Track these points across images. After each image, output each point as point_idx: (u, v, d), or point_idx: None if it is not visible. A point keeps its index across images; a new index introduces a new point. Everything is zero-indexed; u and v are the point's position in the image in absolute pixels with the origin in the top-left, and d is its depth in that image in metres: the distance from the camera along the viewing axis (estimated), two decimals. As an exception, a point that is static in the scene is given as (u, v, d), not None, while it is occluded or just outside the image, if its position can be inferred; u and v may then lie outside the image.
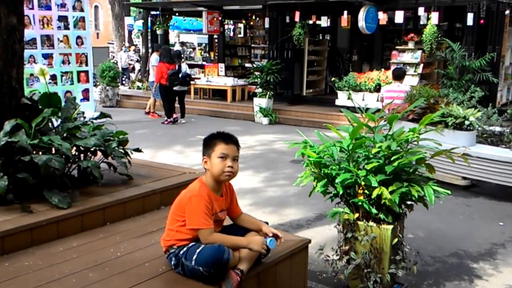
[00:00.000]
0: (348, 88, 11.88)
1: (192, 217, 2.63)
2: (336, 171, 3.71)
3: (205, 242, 2.62)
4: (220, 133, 2.81)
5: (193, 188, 2.75)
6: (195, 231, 2.64)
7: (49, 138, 3.23)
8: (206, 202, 2.66)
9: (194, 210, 2.62)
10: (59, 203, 3.15)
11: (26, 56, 10.80)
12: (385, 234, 3.70)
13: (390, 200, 3.54)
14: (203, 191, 2.70)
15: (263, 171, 7.71)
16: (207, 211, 2.64)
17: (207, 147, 2.77)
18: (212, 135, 2.81)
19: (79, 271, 2.67)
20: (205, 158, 2.77)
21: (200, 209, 2.62)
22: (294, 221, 5.61)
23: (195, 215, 2.62)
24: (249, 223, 2.93)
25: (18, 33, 3.52)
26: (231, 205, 2.94)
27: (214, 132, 2.85)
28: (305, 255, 3.25)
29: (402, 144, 3.78)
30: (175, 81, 11.61)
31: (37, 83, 11.01)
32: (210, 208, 2.68)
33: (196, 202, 2.64)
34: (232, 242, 2.68)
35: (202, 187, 2.72)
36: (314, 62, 14.71)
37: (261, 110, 12.36)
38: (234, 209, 2.96)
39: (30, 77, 10.93)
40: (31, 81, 10.92)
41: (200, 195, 2.66)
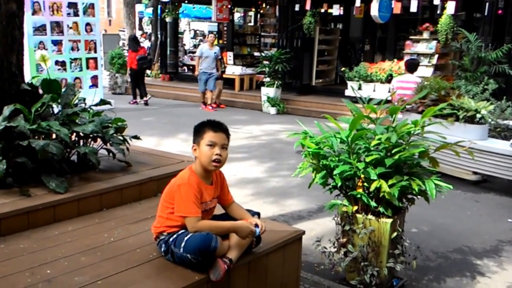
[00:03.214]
0: (359, 78, 11.87)
1: (180, 205, 2.71)
2: (335, 163, 3.77)
3: (192, 230, 2.70)
4: (210, 121, 2.88)
5: (182, 176, 2.83)
6: (183, 218, 2.72)
7: (47, 123, 3.32)
8: (195, 190, 2.74)
9: (183, 198, 2.71)
10: (56, 188, 3.26)
11: (36, 42, 11.03)
12: (383, 227, 3.75)
13: (389, 193, 3.59)
14: (192, 180, 2.78)
15: (267, 161, 7.78)
16: (195, 199, 2.72)
17: (197, 134, 2.85)
18: (201, 123, 2.88)
19: (72, 254, 2.77)
20: (194, 146, 2.85)
21: (188, 197, 2.70)
22: (295, 212, 5.68)
23: (183, 203, 2.70)
24: (237, 214, 3.00)
25: (18, 19, 3.61)
26: (222, 193, 3.02)
27: (204, 120, 2.91)
28: (298, 246, 3.32)
29: (404, 136, 3.81)
30: (144, 65, 13.36)
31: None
32: (199, 196, 2.76)
33: (184, 190, 2.72)
34: (218, 227, 2.76)
35: (191, 176, 2.80)
36: (325, 52, 14.70)
37: (269, 99, 12.42)
38: (225, 198, 3.04)
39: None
40: (41, 68, 11.10)
41: (189, 184, 2.74)
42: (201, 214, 2.75)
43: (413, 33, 12.93)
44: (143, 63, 13.26)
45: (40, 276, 2.51)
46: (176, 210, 2.73)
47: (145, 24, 25.66)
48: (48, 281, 2.46)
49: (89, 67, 12.17)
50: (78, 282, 2.46)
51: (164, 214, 2.81)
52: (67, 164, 3.63)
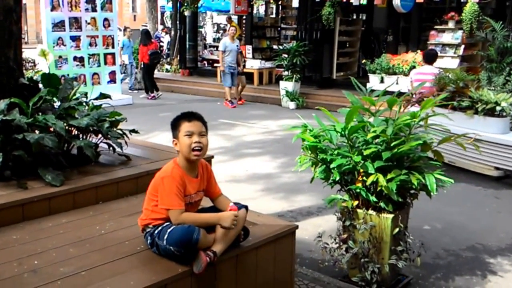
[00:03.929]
0: (380, 71, 11.78)
1: (163, 198, 2.81)
2: (332, 157, 3.80)
3: (175, 223, 2.79)
4: (184, 112, 2.98)
5: (166, 169, 2.92)
6: (167, 211, 2.81)
7: (44, 117, 3.47)
8: (177, 183, 2.82)
9: (166, 190, 2.80)
10: (52, 181, 3.40)
11: (55, 38, 11.32)
12: (385, 223, 3.76)
13: (387, 187, 3.60)
14: (175, 172, 2.86)
15: (280, 157, 7.84)
16: (178, 192, 2.81)
17: (174, 128, 2.94)
18: (176, 117, 2.98)
19: (61, 246, 2.90)
20: (174, 140, 2.94)
21: (171, 190, 2.79)
22: (305, 208, 5.73)
23: (166, 195, 2.80)
24: (222, 207, 3.06)
25: (15, 14, 3.76)
26: (209, 186, 3.09)
27: (186, 111, 3.01)
28: (291, 241, 3.37)
29: (404, 129, 3.81)
30: (155, 60, 13.65)
31: (65, 65, 11.49)
32: (182, 189, 2.84)
33: (167, 183, 2.81)
34: (202, 220, 2.85)
35: (174, 168, 2.89)
36: (346, 43, 14.56)
37: (288, 94, 12.42)
38: (212, 191, 3.11)
39: (59, 59, 11.43)
40: (59, 63, 11.40)
41: (172, 176, 2.83)
42: (184, 206, 2.83)
43: (438, 22, 12.73)
44: (154, 58, 13.50)
45: (26, 267, 2.64)
46: (159, 203, 2.83)
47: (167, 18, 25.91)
48: (33, 271, 2.59)
49: (107, 63, 12.45)
50: (63, 273, 2.58)
51: (149, 207, 2.91)
52: (66, 157, 3.77)
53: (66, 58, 11.59)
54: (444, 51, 11.95)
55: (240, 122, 10.57)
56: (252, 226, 3.31)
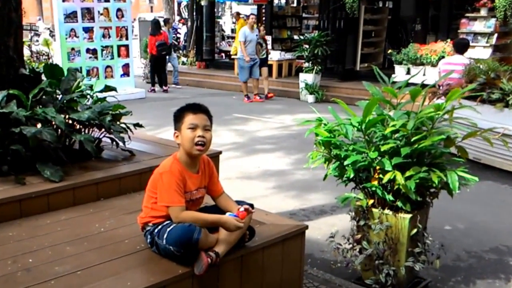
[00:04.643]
0: (407, 61, 11.61)
1: (162, 194, 2.80)
2: (346, 152, 3.74)
3: (175, 221, 2.77)
4: (189, 104, 2.95)
5: (165, 164, 2.90)
6: (167, 208, 2.80)
7: (43, 110, 3.49)
8: (177, 179, 2.80)
9: (165, 186, 2.78)
10: (50, 176, 3.42)
11: (67, 30, 11.41)
12: (402, 223, 3.68)
13: (405, 186, 3.53)
14: (175, 168, 2.84)
15: (295, 153, 7.79)
16: (178, 188, 2.79)
17: (177, 120, 2.91)
18: (180, 108, 2.95)
19: (58, 244, 2.92)
20: (176, 133, 2.91)
21: (170, 186, 2.77)
22: (318, 206, 5.68)
23: (165, 192, 2.78)
24: (225, 206, 3.02)
25: (14, 1, 3.77)
26: (211, 183, 3.07)
27: (190, 103, 2.98)
28: (300, 242, 3.33)
29: (426, 122, 3.72)
30: (163, 51, 13.47)
31: (78, 57, 11.59)
32: (182, 185, 2.82)
33: (166, 179, 2.79)
34: (203, 219, 2.81)
35: (174, 163, 2.87)
36: (372, 33, 14.38)
37: (307, 86, 12.30)
38: (214, 188, 3.08)
39: (72, 51, 11.54)
40: (72, 55, 11.51)
41: (171, 172, 2.81)
42: (184, 203, 2.81)
43: (469, 10, 12.49)
44: (162, 49, 13.43)
45: (20, 265, 2.66)
46: (159, 200, 2.82)
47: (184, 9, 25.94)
48: (27, 270, 2.61)
49: (121, 55, 12.48)
50: (57, 272, 2.59)
51: (149, 204, 2.90)
52: (67, 152, 3.78)
53: (79, 50, 11.67)
54: (475, 40, 11.74)
55: (254, 117, 10.54)
56: (259, 225, 3.29)
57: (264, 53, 12.81)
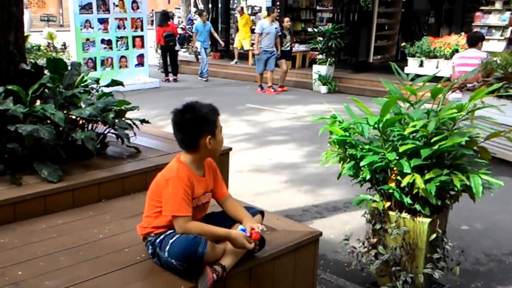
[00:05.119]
0: (420, 54, 11.18)
1: (168, 202, 2.45)
2: (362, 153, 3.39)
3: (179, 231, 2.43)
4: (210, 105, 2.63)
5: (170, 169, 2.56)
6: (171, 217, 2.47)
7: (42, 106, 3.17)
8: (185, 185, 2.47)
9: (171, 194, 2.44)
10: (48, 176, 3.10)
11: (82, 21, 11.12)
12: (420, 228, 3.36)
13: (425, 190, 3.18)
14: (182, 173, 2.50)
15: (307, 145, 7.41)
16: (185, 196, 2.46)
17: (211, 123, 2.55)
18: (211, 109, 2.59)
19: (52, 253, 2.59)
20: (209, 137, 2.54)
21: (177, 194, 2.44)
22: (331, 202, 5.34)
23: (172, 200, 2.44)
24: (233, 213, 2.69)
25: (15, -6, 3.46)
26: (215, 185, 2.73)
27: (207, 103, 2.63)
28: (314, 250, 2.99)
29: (447, 122, 3.37)
30: (171, 42, 13.13)
31: (92, 48, 11.31)
32: (190, 192, 2.49)
33: (173, 185, 2.44)
34: (210, 232, 2.47)
35: (181, 168, 2.52)
36: (385, 26, 14.08)
37: (320, 77, 11.97)
38: (218, 191, 2.74)
39: (86, 42, 11.26)
40: (87, 46, 11.24)
41: (178, 177, 2.47)
42: (191, 212, 2.48)
43: (484, 3, 12.01)
44: (169, 40, 13.10)
45: (8, 278, 2.34)
46: (164, 209, 2.47)
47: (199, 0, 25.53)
48: (15, 284, 2.29)
49: (135, 46, 12.23)
50: (47, 287, 2.27)
51: (151, 213, 2.55)
52: (68, 150, 3.45)
53: (94, 41, 11.40)
54: (490, 33, 11.37)
55: (267, 107, 10.18)
56: (270, 231, 2.95)
57: (288, 46, 12.33)
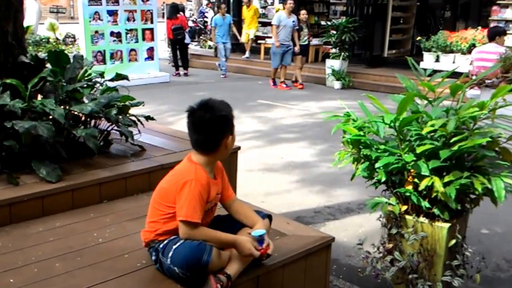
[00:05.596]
0: (436, 49, 10.93)
1: (183, 206, 2.27)
2: (377, 153, 3.21)
3: (183, 237, 2.28)
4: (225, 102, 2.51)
5: (187, 170, 2.36)
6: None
7: (41, 101, 3.02)
8: (203, 189, 2.30)
9: (187, 197, 2.27)
10: (47, 176, 2.96)
11: (91, 13, 11.00)
12: (439, 233, 3.20)
13: (444, 194, 3.00)
14: (201, 175, 2.33)
15: (320, 143, 7.23)
16: (201, 201, 2.29)
17: (230, 121, 2.43)
18: (227, 105, 2.48)
19: (47, 259, 2.45)
20: (230, 136, 2.42)
21: (193, 198, 2.27)
22: (344, 203, 5.17)
23: (187, 203, 2.26)
24: (242, 215, 2.52)
25: (14, -18, 3.31)
26: (223, 187, 2.56)
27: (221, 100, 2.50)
28: (326, 256, 2.82)
29: (467, 121, 3.18)
30: (179, 35, 12.90)
31: (101, 40, 11.19)
32: (205, 198, 2.33)
33: (190, 188, 2.27)
34: (216, 238, 2.32)
35: (199, 170, 2.34)
36: (400, 19, 13.81)
37: (334, 72, 11.75)
38: (225, 192, 2.57)
39: (95, 34, 11.15)
40: (96, 38, 11.12)
41: (197, 180, 2.30)
42: (200, 220, 2.30)
43: (501, -4, 11.71)
44: (177, 33, 12.89)
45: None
46: (178, 213, 2.29)
47: (212, -8, 25.33)
48: (5, 293, 2.16)
49: (145, 39, 12.09)
50: (39, 296, 2.14)
51: (158, 219, 2.38)
52: (70, 147, 3.31)
53: (103, 33, 11.27)
54: (507, 28, 10.97)
55: (279, 103, 10.00)
56: (279, 237, 2.79)
57: (305, 39, 11.90)
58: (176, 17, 12.97)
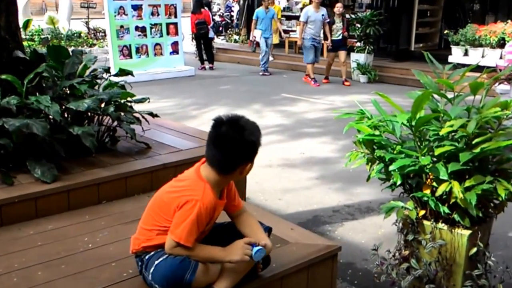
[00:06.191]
0: (465, 42, 10.44)
1: (178, 226, 2.02)
2: (391, 155, 2.92)
3: (168, 252, 2.04)
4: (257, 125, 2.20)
5: (194, 187, 2.09)
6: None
7: (36, 98, 2.83)
8: (206, 213, 2.05)
9: (185, 218, 2.01)
10: (41, 176, 2.77)
11: (116, 8, 10.89)
12: (459, 241, 2.89)
13: (464, 200, 2.70)
14: (208, 197, 2.06)
15: (342, 138, 6.89)
16: (199, 226, 2.04)
17: (256, 149, 2.14)
18: (258, 131, 2.16)
19: (30, 266, 2.26)
20: (249, 164, 2.15)
21: (192, 221, 2.01)
22: (364, 202, 4.87)
23: (183, 225, 2.01)
24: (247, 229, 2.24)
25: (6, -27, 3.12)
26: (229, 200, 2.28)
27: (252, 121, 2.19)
28: (331, 267, 2.56)
29: (491, 121, 2.86)
30: (202, 30, 12.59)
31: (127, 35, 11.08)
32: (205, 223, 2.08)
33: (191, 211, 2.01)
34: (205, 255, 2.07)
35: (207, 190, 2.07)
36: (427, 12, 13.28)
37: (359, 66, 11.37)
38: (232, 203, 2.30)
39: (121, 29, 11.05)
40: (121, 33, 11.02)
41: (203, 202, 2.03)
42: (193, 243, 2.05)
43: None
44: (200, 28, 12.62)
45: (-27, 296, 2.03)
46: (171, 229, 2.05)
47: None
48: (-21, 305, 1.98)
49: (170, 33, 11.94)
50: (14, 309, 1.94)
51: (153, 229, 2.14)
52: (70, 146, 3.12)
53: (128, 28, 11.16)
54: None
55: (303, 97, 9.67)
56: (281, 245, 2.54)
57: (339, 34, 11.05)
58: (200, 12, 12.74)
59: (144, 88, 10.50)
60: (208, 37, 13.00)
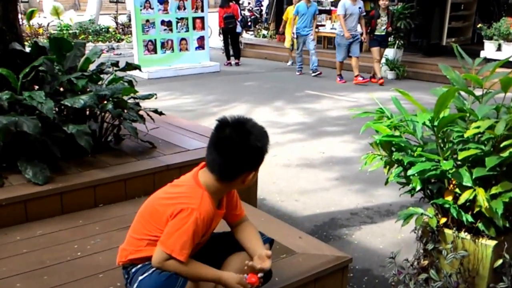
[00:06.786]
0: (498, 37, 9.93)
1: (170, 236, 1.82)
2: (411, 158, 2.65)
3: (155, 265, 1.84)
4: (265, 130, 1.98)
5: (190, 194, 1.89)
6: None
7: (29, 94, 2.66)
8: (202, 224, 1.84)
9: (179, 229, 1.81)
10: (33, 178, 2.60)
11: (142, 2, 10.77)
12: (483, 252, 2.62)
13: (489, 209, 2.42)
14: (206, 206, 1.86)
15: (365, 137, 6.56)
16: (194, 238, 1.83)
17: (261, 157, 1.93)
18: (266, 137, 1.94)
19: (8, 276, 2.08)
20: (253, 173, 1.94)
21: (187, 233, 1.81)
22: (384, 205, 4.58)
23: (176, 236, 1.81)
24: (246, 240, 2.03)
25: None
26: (229, 208, 2.08)
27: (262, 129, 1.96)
28: (341, 280, 2.31)
29: (522, 122, 2.56)
30: (230, 24, 12.30)
31: (152, 29, 10.96)
32: (200, 234, 1.87)
33: (187, 221, 1.80)
34: (198, 274, 1.86)
35: (205, 198, 1.88)
36: (461, 5, 12.72)
37: (388, 62, 10.94)
38: (233, 213, 2.09)
39: (146, 23, 10.94)
40: (146, 28, 10.92)
41: (200, 212, 1.83)
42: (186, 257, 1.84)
43: None
44: (228, 22, 12.31)
45: None
46: (161, 239, 1.85)
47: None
48: None
49: (196, 28, 11.78)
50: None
51: (143, 238, 1.94)
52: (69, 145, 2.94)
53: (154, 22, 11.02)
54: None
55: (327, 94, 9.36)
56: (286, 255, 2.31)
57: (383, 29, 10.41)
58: (228, 6, 12.47)
59: (166, 84, 10.39)
60: (235, 31, 12.76)
